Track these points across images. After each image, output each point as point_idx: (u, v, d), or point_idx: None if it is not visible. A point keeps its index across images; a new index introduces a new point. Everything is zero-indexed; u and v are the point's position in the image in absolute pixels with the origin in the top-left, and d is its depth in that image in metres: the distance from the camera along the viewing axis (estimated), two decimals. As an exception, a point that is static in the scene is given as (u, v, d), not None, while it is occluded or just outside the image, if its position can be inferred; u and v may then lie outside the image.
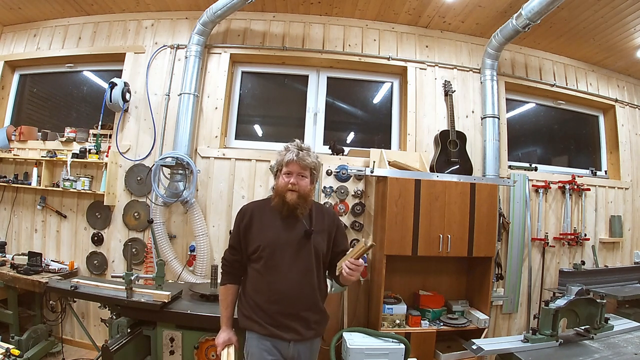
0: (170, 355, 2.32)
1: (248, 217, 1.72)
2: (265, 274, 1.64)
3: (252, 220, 1.71)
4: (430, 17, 3.58)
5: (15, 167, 3.67)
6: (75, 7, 3.63)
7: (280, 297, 1.61)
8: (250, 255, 1.69)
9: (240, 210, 1.80)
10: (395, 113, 3.81)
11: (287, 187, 1.65)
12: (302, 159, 1.67)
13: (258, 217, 1.72)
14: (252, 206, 1.80)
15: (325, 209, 1.88)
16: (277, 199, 1.69)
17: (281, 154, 1.72)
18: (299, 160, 1.66)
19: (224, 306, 1.75)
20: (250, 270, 1.71)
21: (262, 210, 1.75)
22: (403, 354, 2.49)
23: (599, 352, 2.00)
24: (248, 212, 1.75)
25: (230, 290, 1.75)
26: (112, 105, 3.34)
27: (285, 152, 1.71)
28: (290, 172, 1.68)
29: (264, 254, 1.64)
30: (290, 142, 1.75)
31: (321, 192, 3.35)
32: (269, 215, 1.72)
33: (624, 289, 3.42)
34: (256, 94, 3.99)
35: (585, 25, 3.43)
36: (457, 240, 2.95)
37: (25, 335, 2.88)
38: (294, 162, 1.67)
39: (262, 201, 1.85)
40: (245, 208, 1.79)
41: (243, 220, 1.73)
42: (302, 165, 1.67)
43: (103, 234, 3.43)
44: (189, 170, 3.22)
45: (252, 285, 1.69)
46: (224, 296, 1.76)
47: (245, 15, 3.60)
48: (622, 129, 4.11)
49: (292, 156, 1.66)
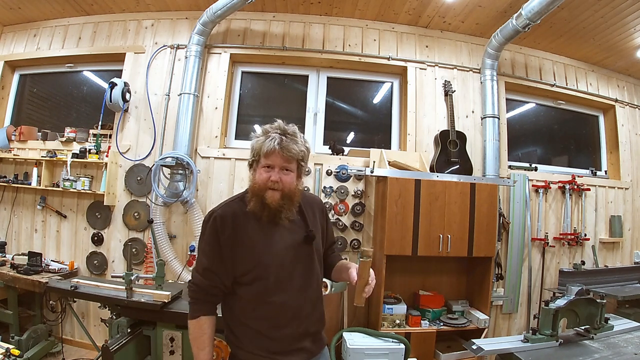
0: (171, 355, 2.32)
1: (230, 226, 1.30)
2: (266, 297, 1.30)
3: (237, 230, 1.31)
4: (430, 17, 3.58)
5: (15, 167, 3.67)
6: (75, 7, 3.63)
7: (290, 319, 1.31)
8: (240, 277, 1.31)
9: (214, 217, 1.32)
10: (395, 113, 3.81)
11: (267, 184, 1.29)
12: (287, 148, 1.27)
13: (243, 225, 1.32)
14: (229, 211, 1.34)
15: (311, 199, 1.54)
16: (255, 200, 1.31)
17: (258, 140, 1.30)
18: (282, 150, 1.27)
19: (199, 346, 1.30)
20: (243, 295, 1.32)
21: (245, 214, 1.34)
22: (403, 354, 2.50)
23: (599, 352, 2.00)
24: (228, 220, 1.31)
25: (206, 324, 1.31)
26: (112, 105, 3.34)
27: (263, 138, 1.29)
28: (271, 166, 1.30)
29: (261, 274, 1.28)
30: (270, 124, 1.34)
31: (321, 192, 3.35)
32: (255, 219, 1.33)
33: (624, 289, 3.42)
34: (256, 94, 3.99)
35: (585, 25, 3.43)
36: (457, 240, 2.95)
37: (25, 335, 2.88)
38: (275, 153, 1.27)
39: (239, 202, 1.39)
40: (223, 214, 1.32)
41: (224, 230, 1.30)
42: (286, 157, 1.28)
43: (103, 234, 3.43)
44: (189, 170, 3.22)
45: (246, 312, 1.32)
46: (198, 334, 1.30)
47: (245, 15, 3.60)
48: (622, 129, 4.11)
49: (274, 144, 1.26)
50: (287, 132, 1.31)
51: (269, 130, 1.31)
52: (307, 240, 1.36)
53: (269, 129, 1.32)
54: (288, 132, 1.31)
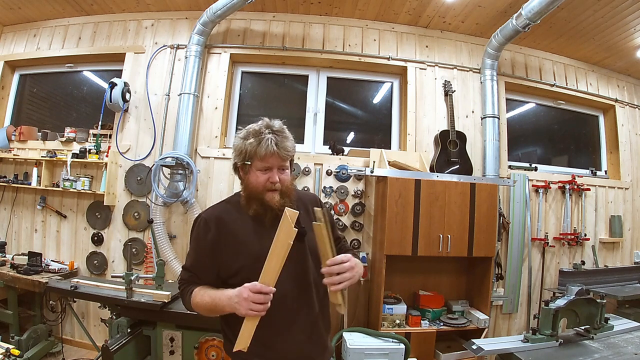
0: (170, 355, 2.33)
1: (214, 228, 1.29)
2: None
3: (221, 232, 1.29)
4: (430, 17, 3.58)
5: (15, 167, 3.67)
6: (75, 7, 3.63)
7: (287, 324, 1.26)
8: (229, 279, 1.27)
9: (199, 220, 1.33)
10: (395, 113, 3.81)
11: (267, 186, 1.27)
12: (284, 147, 1.25)
13: (228, 226, 1.30)
14: (215, 213, 1.34)
15: (304, 196, 1.49)
16: (255, 204, 1.28)
17: (250, 143, 1.25)
18: (280, 151, 1.24)
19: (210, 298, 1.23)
20: None
21: (231, 216, 1.32)
22: (403, 354, 2.50)
23: (599, 352, 2.00)
24: (212, 221, 1.30)
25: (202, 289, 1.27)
26: (112, 105, 3.34)
27: (255, 140, 1.25)
28: (269, 167, 1.27)
29: (250, 276, 1.18)
30: (255, 124, 1.30)
31: (321, 192, 3.35)
32: (242, 221, 1.31)
33: (624, 289, 3.42)
34: (256, 94, 3.99)
35: (585, 25, 3.43)
36: (457, 240, 2.95)
37: (25, 335, 2.88)
38: (275, 155, 1.24)
39: (224, 204, 1.39)
40: (207, 216, 1.32)
41: (207, 233, 1.28)
42: (283, 157, 1.27)
43: (103, 234, 3.43)
44: (189, 170, 3.22)
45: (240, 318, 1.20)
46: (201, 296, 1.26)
47: (245, 15, 3.60)
48: (622, 129, 4.11)
49: (272, 146, 1.23)
50: (277, 130, 1.27)
51: (260, 130, 1.26)
52: (299, 236, 1.20)
53: (258, 128, 1.27)
54: (278, 130, 1.27)
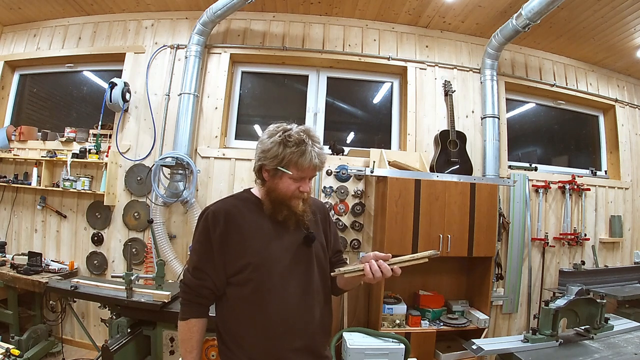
0: (170, 355, 2.33)
1: (222, 222, 1.23)
2: (257, 301, 1.21)
3: (230, 227, 1.23)
4: (430, 17, 3.58)
5: (15, 167, 3.67)
6: (75, 7, 3.63)
7: (287, 329, 1.21)
8: (232, 277, 1.23)
9: (207, 213, 1.27)
10: (395, 113, 3.81)
11: (296, 194, 1.25)
12: (323, 161, 1.23)
13: (237, 221, 1.25)
14: (223, 207, 1.28)
15: (313, 200, 1.44)
16: (283, 209, 1.26)
17: (292, 151, 1.19)
18: (321, 165, 1.23)
19: (187, 349, 1.24)
20: (232, 298, 1.25)
21: (240, 212, 1.27)
22: (403, 354, 2.49)
23: (599, 352, 2.00)
24: (221, 215, 1.24)
25: (195, 327, 1.25)
26: (112, 105, 3.34)
27: (297, 149, 1.19)
28: (305, 177, 1.25)
29: (255, 275, 1.20)
30: (294, 128, 1.23)
31: (321, 192, 3.35)
32: (250, 218, 1.27)
33: (624, 289, 3.42)
34: (256, 94, 3.99)
35: (585, 25, 3.43)
36: (457, 240, 2.95)
37: (25, 335, 2.88)
38: (315, 168, 1.22)
39: (232, 200, 1.35)
40: (216, 209, 1.26)
41: (216, 227, 1.23)
42: (320, 170, 1.26)
43: (103, 234, 3.43)
44: (189, 170, 3.22)
45: (239, 319, 1.23)
46: (187, 336, 1.25)
47: (245, 15, 3.60)
48: (622, 129, 4.11)
49: (315, 161, 1.20)
50: (317, 140, 1.24)
51: (302, 139, 1.19)
52: (307, 241, 1.27)
53: (298, 137, 1.19)
54: (318, 141, 1.24)
